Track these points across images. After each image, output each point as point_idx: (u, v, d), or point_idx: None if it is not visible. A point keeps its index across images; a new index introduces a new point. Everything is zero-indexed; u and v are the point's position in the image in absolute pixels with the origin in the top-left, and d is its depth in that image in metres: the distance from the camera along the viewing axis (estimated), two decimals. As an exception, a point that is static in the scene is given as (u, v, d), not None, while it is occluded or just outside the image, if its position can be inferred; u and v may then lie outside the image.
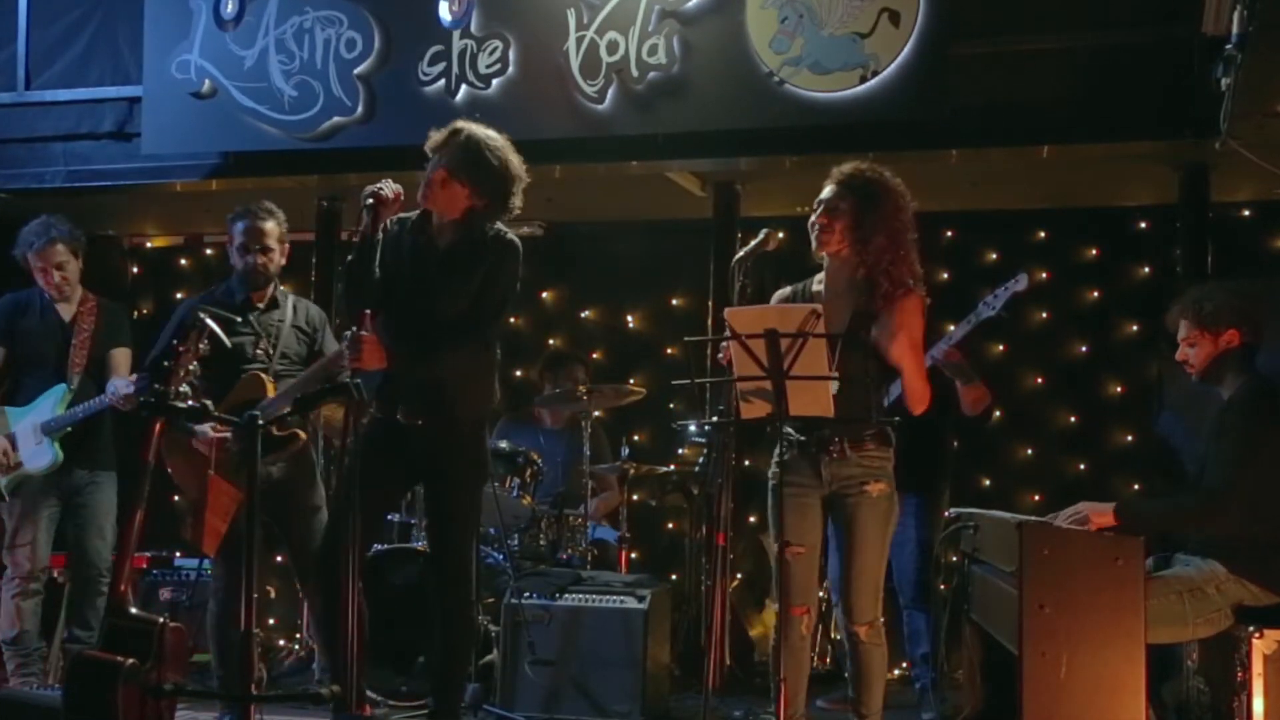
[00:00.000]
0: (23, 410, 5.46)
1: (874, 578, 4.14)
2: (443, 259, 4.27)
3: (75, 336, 5.50)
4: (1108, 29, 5.49)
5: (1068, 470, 6.88)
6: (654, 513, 7.30)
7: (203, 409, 3.93)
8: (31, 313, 5.55)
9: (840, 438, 4.11)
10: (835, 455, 4.12)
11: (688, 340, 4.21)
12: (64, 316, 5.54)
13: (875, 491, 4.11)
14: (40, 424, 5.39)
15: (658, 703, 5.34)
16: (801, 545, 4.13)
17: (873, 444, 4.13)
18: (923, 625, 5.29)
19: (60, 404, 5.41)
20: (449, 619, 4.33)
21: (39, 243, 5.45)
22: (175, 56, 6.26)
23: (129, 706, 3.50)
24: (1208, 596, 4.08)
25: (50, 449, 5.39)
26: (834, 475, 4.13)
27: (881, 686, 4.20)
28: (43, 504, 5.40)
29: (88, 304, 5.58)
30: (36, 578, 5.38)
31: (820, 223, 4.14)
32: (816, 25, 5.46)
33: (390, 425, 4.31)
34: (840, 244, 4.13)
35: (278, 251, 4.91)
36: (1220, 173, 5.74)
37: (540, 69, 5.83)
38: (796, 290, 4.31)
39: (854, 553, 4.11)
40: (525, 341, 7.55)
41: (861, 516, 4.11)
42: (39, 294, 5.54)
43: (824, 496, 4.16)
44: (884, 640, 4.19)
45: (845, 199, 4.12)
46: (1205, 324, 4.25)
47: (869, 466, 4.12)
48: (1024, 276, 5.08)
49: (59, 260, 5.46)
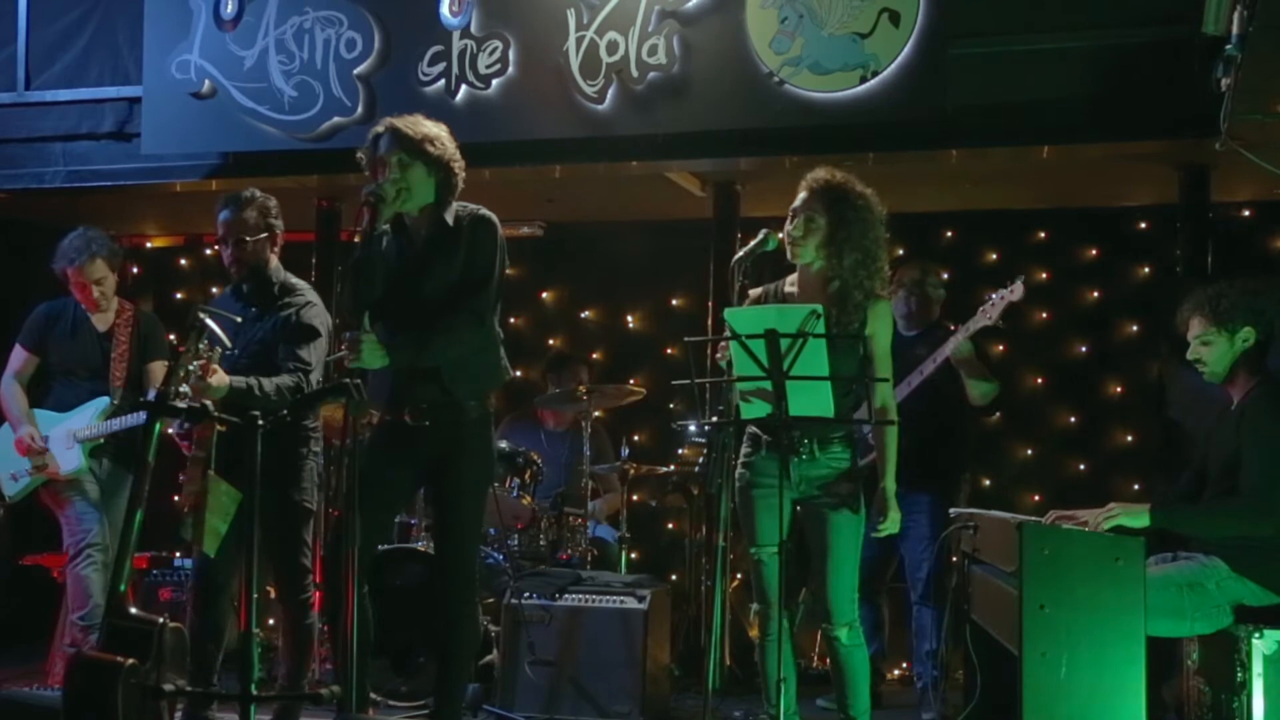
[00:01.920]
0: (60, 416, 5.45)
1: (850, 581, 4.20)
2: (423, 247, 4.31)
3: (114, 349, 5.50)
4: (1108, 29, 5.48)
5: (1068, 470, 6.88)
6: (654, 513, 7.30)
7: (202, 409, 3.92)
8: (64, 323, 5.54)
9: (809, 439, 4.14)
10: (804, 457, 4.15)
11: (688, 340, 4.21)
12: (100, 327, 5.53)
13: (844, 492, 4.16)
14: (74, 430, 5.40)
15: (658, 703, 5.34)
16: (772, 545, 4.18)
17: (840, 446, 4.19)
18: (929, 621, 5.30)
19: (100, 415, 5.41)
20: (452, 620, 4.34)
21: (80, 259, 5.41)
22: (175, 56, 6.26)
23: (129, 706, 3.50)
24: (1207, 592, 4.08)
25: (79, 456, 5.39)
26: (803, 476, 4.17)
27: (866, 686, 4.26)
28: (83, 481, 5.40)
29: (124, 314, 5.57)
30: (93, 544, 5.33)
31: (794, 235, 4.20)
32: (816, 25, 5.46)
33: (397, 426, 4.32)
34: (814, 257, 4.21)
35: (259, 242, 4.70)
36: (1220, 173, 5.74)
37: (540, 69, 5.83)
38: (768, 291, 4.35)
39: (828, 558, 4.18)
40: (525, 341, 7.56)
41: (833, 522, 4.17)
42: (73, 304, 5.53)
43: (794, 499, 4.20)
44: (864, 640, 4.27)
45: (820, 214, 4.18)
46: (1221, 322, 4.20)
47: (837, 468, 4.17)
48: (1019, 285, 5.08)
49: (99, 276, 5.44)
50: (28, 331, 5.59)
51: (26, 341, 5.57)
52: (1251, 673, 3.91)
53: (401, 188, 4.21)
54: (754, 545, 4.24)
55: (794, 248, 4.22)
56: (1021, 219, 6.97)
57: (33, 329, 5.58)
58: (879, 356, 4.23)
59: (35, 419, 5.47)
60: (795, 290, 4.29)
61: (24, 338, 5.58)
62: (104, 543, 5.36)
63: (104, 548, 5.35)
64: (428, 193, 4.28)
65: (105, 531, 5.39)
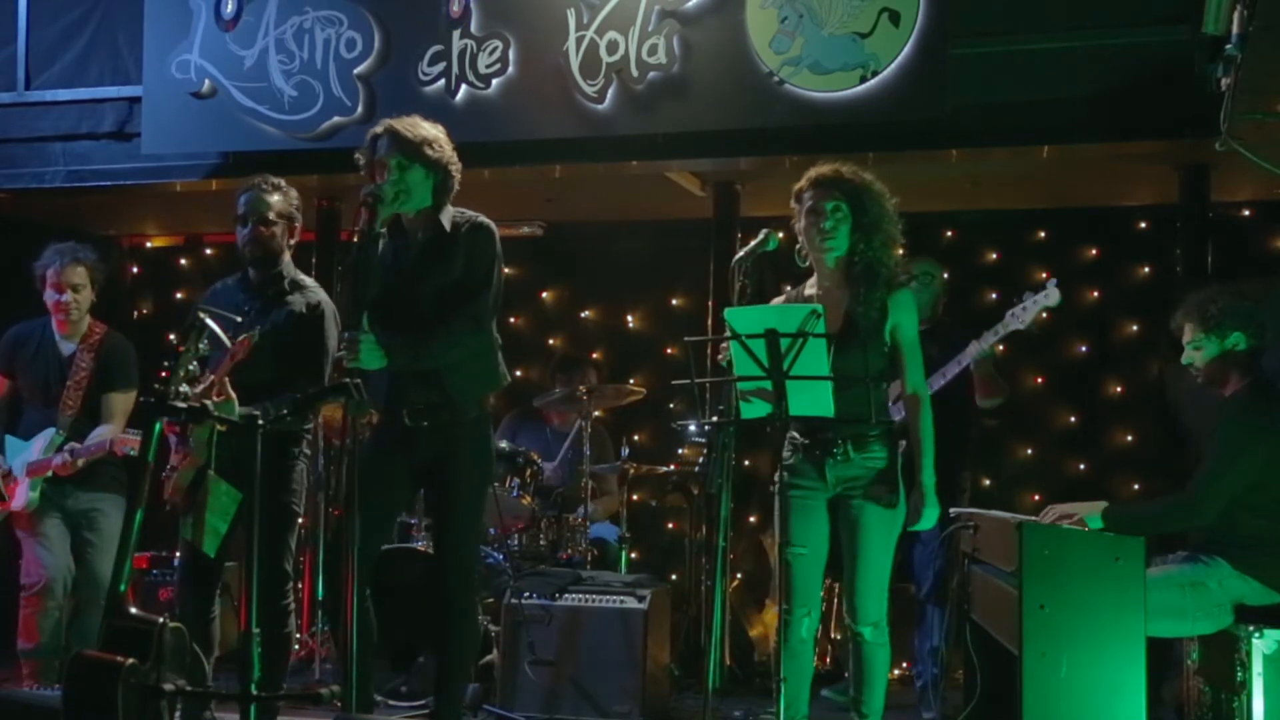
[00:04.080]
0: (23, 444, 5.28)
1: (880, 579, 4.16)
2: (419, 251, 4.31)
3: (71, 376, 5.25)
4: (1108, 29, 5.48)
5: (1068, 470, 6.88)
6: (654, 513, 7.30)
7: (202, 409, 3.92)
8: (31, 345, 5.34)
9: (844, 439, 4.12)
10: (839, 458, 4.13)
11: (688, 340, 4.20)
12: (63, 352, 5.30)
13: (880, 493, 4.13)
14: (27, 463, 5.21)
15: (658, 703, 5.34)
16: (804, 547, 4.14)
17: (877, 445, 4.15)
18: (935, 620, 5.31)
19: (50, 448, 5.17)
20: (452, 620, 4.33)
21: (62, 260, 5.24)
22: (175, 56, 6.25)
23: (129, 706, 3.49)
24: (1209, 591, 4.09)
25: (26, 490, 5.18)
26: (839, 478, 4.15)
27: (884, 687, 4.22)
28: (44, 519, 5.23)
29: (91, 338, 5.32)
30: (45, 591, 5.18)
31: (826, 228, 4.16)
32: (816, 25, 5.46)
33: (396, 427, 4.32)
34: (846, 246, 4.18)
35: (280, 227, 4.65)
36: (1220, 173, 5.74)
37: (540, 69, 5.83)
38: (790, 297, 4.34)
39: (859, 555, 4.14)
40: (525, 341, 7.56)
41: (866, 519, 4.13)
42: (44, 325, 5.35)
43: (829, 499, 4.18)
44: (888, 640, 4.21)
45: (843, 201, 4.16)
46: (1210, 327, 4.26)
47: (873, 468, 4.14)
48: (1054, 290, 5.03)
49: (75, 282, 5.23)
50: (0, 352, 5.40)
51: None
52: (1251, 673, 3.92)
53: (400, 190, 4.21)
54: (787, 546, 4.15)
55: (826, 242, 4.16)
56: (1021, 219, 6.97)
57: (3, 349, 5.38)
58: (907, 346, 4.18)
59: (4, 446, 5.28)
60: (817, 291, 4.25)
61: None
62: (57, 590, 5.18)
63: (56, 595, 5.18)
64: (425, 195, 4.28)
65: (63, 576, 5.20)
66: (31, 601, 5.22)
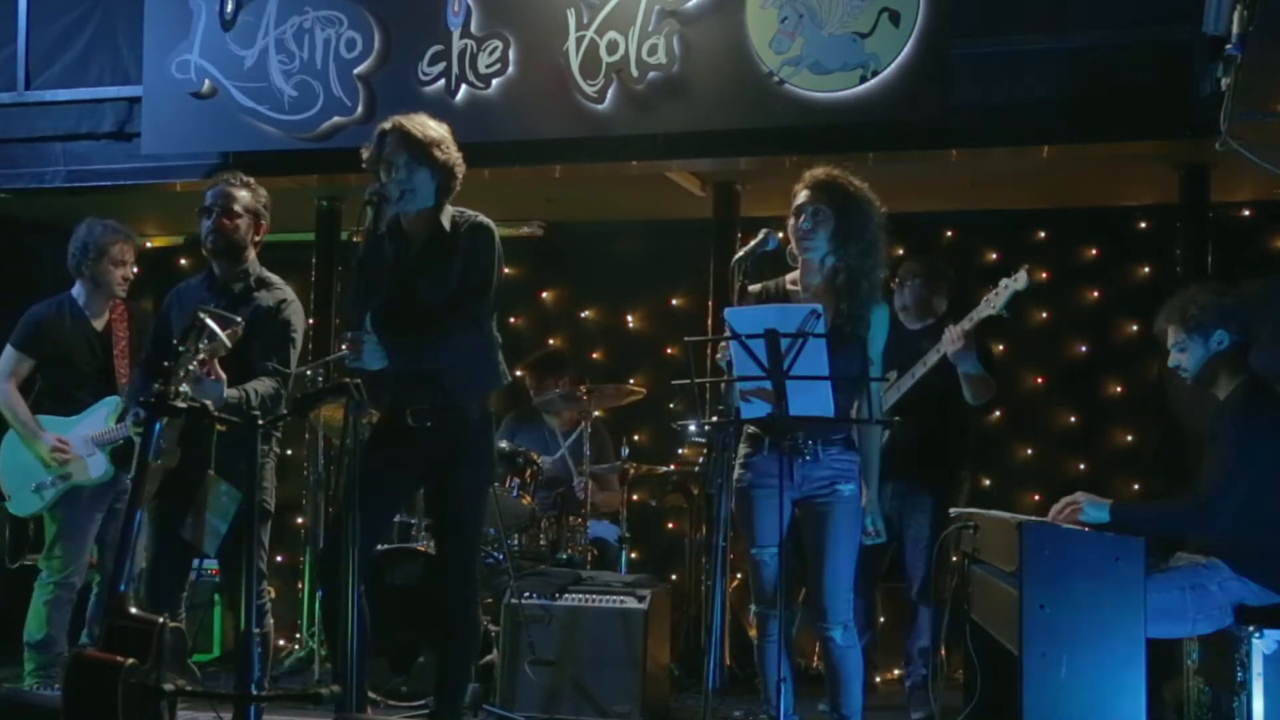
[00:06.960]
0: (71, 420, 5.35)
1: (847, 580, 4.20)
2: (420, 251, 4.31)
3: (115, 346, 5.42)
4: (1107, 29, 5.49)
5: (1068, 470, 6.87)
6: (654, 513, 7.30)
7: (202, 409, 3.92)
8: (61, 322, 5.42)
9: (812, 440, 4.14)
10: (807, 458, 4.15)
11: (688, 340, 4.20)
12: (96, 326, 5.44)
13: (845, 493, 4.17)
14: (92, 435, 5.31)
15: (658, 703, 5.34)
16: (771, 546, 4.17)
17: (841, 447, 4.20)
18: (926, 620, 5.31)
19: (112, 416, 5.32)
20: (453, 620, 4.33)
21: (116, 237, 5.37)
22: (175, 56, 6.26)
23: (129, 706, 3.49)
24: (1209, 593, 4.08)
25: (104, 461, 5.32)
26: (805, 477, 4.17)
27: (859, 686, 4.27)
28: (90, 517, 5.33)
29: (118, 310, 5.47)
30: (70, 585, 5.31)
31: (804, 228, 4.21)
32: (816, 25, 5.46)
33: (397, 426, 4.32)
34: (825, 250, 4.22)
35: (245, 221, 4.59)
36: (1220, 173, 5.74)
37: (540, 69, 5.83)
38: (767, 288, 4.35)
39: (825, 555, 4.17)
40: (525, 341, 7.55)
41: (833, 519, 4.17)
42: (68, 302, 5.44)
43: (795, 499, 4.20)
44: (858, 641, 4.28)
45: (826, 206, 4.20)
46: (1192, 328, 4.25)
47: (839, 469, 4.18)
48: (1024, 275, 5.07)
49: (133, 259, 5.45)
50: (22, 332, 5.45)
51: (20, 343, 5.44)
52: (1251, 673, 3.92)
53: (406, 190, 4.21)
54: (754, 546, 4.24)
55: (804, 242, 4.22)
56: (1021, 219, 6.97)
57: (27, 329, 5.44)
58: (874, 359, 4.25)
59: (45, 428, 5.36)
60: (797, 288, 4.30)
61: (17, 339, 5.45)
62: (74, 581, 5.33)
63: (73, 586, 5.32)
64: (428, 196, 4.28)
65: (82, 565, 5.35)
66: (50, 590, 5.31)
